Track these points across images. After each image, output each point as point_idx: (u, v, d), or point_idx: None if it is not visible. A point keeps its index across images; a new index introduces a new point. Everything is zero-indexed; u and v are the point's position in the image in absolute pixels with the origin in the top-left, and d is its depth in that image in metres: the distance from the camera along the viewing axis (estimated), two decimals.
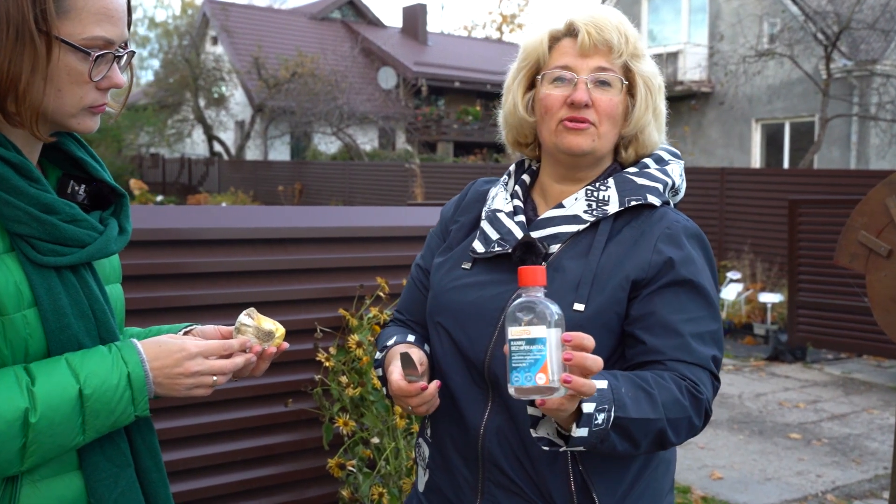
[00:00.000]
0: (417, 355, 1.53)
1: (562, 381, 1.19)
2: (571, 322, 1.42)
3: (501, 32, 45.21)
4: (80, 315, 1.27)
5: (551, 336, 1.21)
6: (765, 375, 7.59)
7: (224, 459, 2.65)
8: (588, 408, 1.28)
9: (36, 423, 1.16)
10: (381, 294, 2.85)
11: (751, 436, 5.78)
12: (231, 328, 1.42)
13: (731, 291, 9.47)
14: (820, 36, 14.14)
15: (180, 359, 1.29)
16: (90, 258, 1.29)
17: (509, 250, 1.53)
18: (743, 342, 8.99)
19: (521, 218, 1.58)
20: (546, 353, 1.20)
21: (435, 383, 1.47)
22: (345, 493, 2.60)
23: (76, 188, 1.34)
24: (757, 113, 18.17)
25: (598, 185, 1.56)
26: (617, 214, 1.54)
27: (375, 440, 2.62)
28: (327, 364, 2.64)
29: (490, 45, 35.50)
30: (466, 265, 1.60)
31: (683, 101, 19.02)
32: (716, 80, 18.64)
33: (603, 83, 1.54)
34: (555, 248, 1.53)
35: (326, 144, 26.39)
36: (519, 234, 1.54)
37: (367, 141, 26.99)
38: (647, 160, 1.62)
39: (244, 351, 1.37)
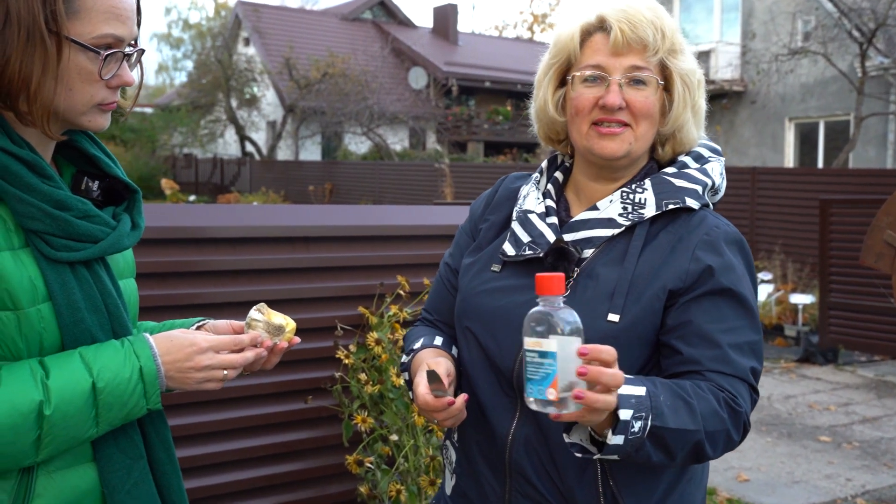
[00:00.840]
0: (445, 367, 1.46)
1: (574, 396, 1.16)
2: (606, 333, 1.38)
3: (532, 32, 45.10)
4: (94, 309, 1.29)
5: (564, 348, 1.18)
6: (795, 377, 7.50)
7: (245, 455, 2.68)
8: (625, 415, 1.23)
9: (50, 416, 1.19)
10: (402, 292, 2.86)
11: (779, 438, 5.71)
12: (242, 323, 1.43)
13: (761, 292, 9.36)
14: (855, 33, 13.92)
15: (191, 353, 1.31)
16: (103, 253, 1.31)
17: (541, 254, 1.47)
18: (773, 343, 8.88)
19: (554, 219, 1.52)
20: (556, 366, 1.18)
21: (462, 398, 1.41)
22: (363, 489, 2.62)
23: (90, 184, 1.37)
24: (790, 112, 17.94)
25: (633, 186, 1.50)
26: (653, 218, 1.47)
27: (394, 437, 2.64)
28: (347, 361, 2.66)
29: (521, 45, 35.42)
30: (496, 268, 1.54)
31: (715, 100, 18.83)
32: (748, 79, 18.43)
33: (637, 82, 1.46)
34: (588, 252, 1.47)
35: (357, 144, 26.52)
36: (551, 237, 1.48)
37: (397, 141, 27.07)
38: (686, 158, 1.54)
39: (255, 346, 1.39)
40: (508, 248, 1.53)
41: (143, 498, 1.34)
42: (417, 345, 1.62)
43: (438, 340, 1.62)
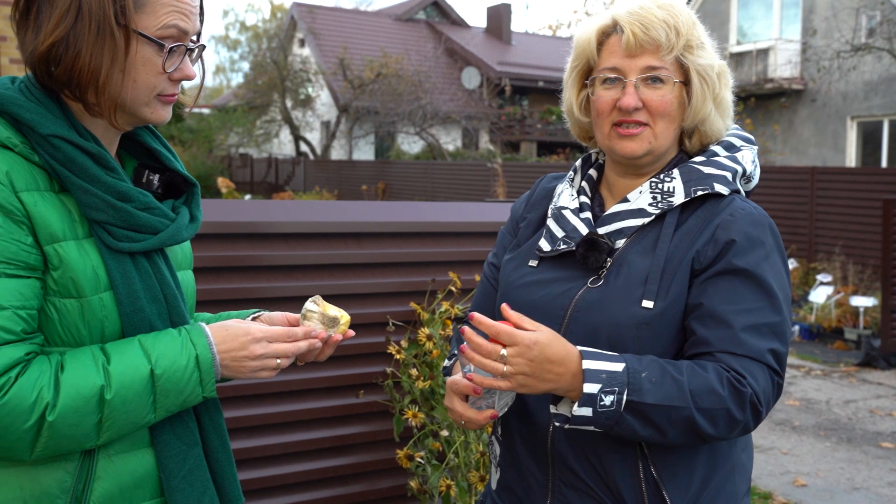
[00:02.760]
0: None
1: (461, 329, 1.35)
2: (640, 319, 1.42)
3: None
4: (153, 299, 1.33)
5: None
6: (855, 382, 7.31)
7: (297, 448, 2.72)
8: (590, 388, 1.31)
9: (111, 400, 1.22)
10: (453, 289, 2.87)
11: (838, 443, 5.57)
12: (298, 315, 1.46)
13: (820, 294, 9.14)
14: None
15: (245, 342, 1.34)
16: (162, 244, 1.35)
17: (574, 248, 1.52)
18: (833, 347, 8.67)
19: (587, 215, 1.56)
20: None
21: (489, 413, 1.45)
22: (413, 484, 2.64)
23: (151, 177, 1.41)
24: (852, 110, 17.49)
25: (662, 176, 1.53)
26: (684, 205, 1.50)
27: (445, 433, 2.65)
28: (398, 357, 2.68)
29: None
30: (533, 263, 1.59)
31: (774, 98, 18.45)
32: (808, 77, 18.02)
33: (654, 80, 1.49)
34: (620, 242, 1.51)
35: (410, 144, 26.64)
36: (584, 230, 1.52)
37: (450, 141, 27.13)
38: (716, 147, 1.57)
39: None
40: (544, 244, 1.58)
41: (198, 483, 1.38)
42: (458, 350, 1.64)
43: None
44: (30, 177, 1.24)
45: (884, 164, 17.04)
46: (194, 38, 1.35)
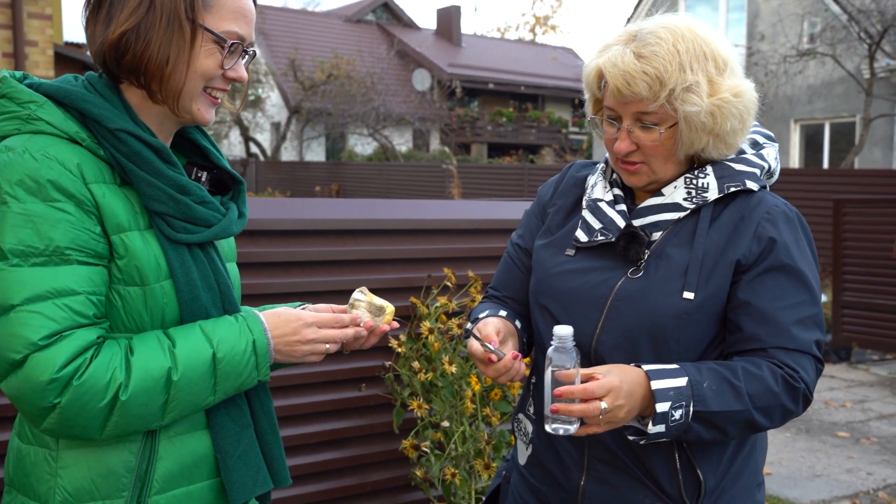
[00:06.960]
0: (493, 326, 1.57)
1: (551, 410, 1.38)
2: (681, 310, 1.50)
3: (535, 34, 45.17)
4: (208, 288, 1.38)
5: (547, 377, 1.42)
6: None
7: (300, 441, 2.75)
8: (662, 407, 1.39)
9: (177, 381, 1.27)
10: (448, 284, 2.93)
11: (797, 433, 5.78)
12: (343, 307, 1.52)
13: None
14: (863, 35, 14.01)
15: (298, 327, 1.40)
16: (215, 237, 1.40)
17: (612, 239, 1.58)
18: None
19: (623, 207, 1.62)
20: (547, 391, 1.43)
21: (509, 356, 1.50)
22: (418, 472, 2.69)
23: (199, 174, 1.46)
24: (796, 114, 18.02)
25: (696, 172, 1.58)
26: (716, 200, 1.57)
27: (445, 423, 2.70)
28: (400, 350, 2.73)
29: (523, 47, 35.51)
30: (570, 252, 1.65)
31: None
32: (755, 81, 18.48)
33: (645, 125, 1.53)
34: (657, 235, 1.57)
35: (363, 146, 26.59)
36: (621, 223, 1.58)
37: (402, 142, 27.16)
38: (743, 145, 1.65)
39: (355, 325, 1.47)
40: (581, 235, 1.64)
41: (252, 464, 1.43)
42: (482, 315, 1.72)
43: (503, 313, 1.72)
44: (97, 170, 1.28)
45: (825, 165, 17.58)
46: (249, 44, 1.41)
